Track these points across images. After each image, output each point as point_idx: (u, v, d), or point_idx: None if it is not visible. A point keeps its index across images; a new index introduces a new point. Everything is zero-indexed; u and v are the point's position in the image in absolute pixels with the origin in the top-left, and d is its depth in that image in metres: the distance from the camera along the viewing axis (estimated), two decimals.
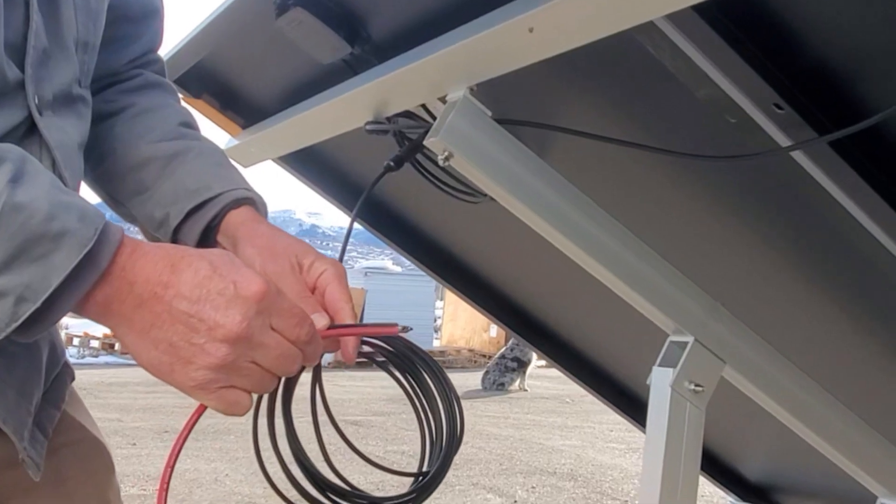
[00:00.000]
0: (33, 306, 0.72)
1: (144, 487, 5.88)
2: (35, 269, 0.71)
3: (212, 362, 0.78)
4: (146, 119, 1.12)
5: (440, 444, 1.01)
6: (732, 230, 1.37)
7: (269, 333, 0.80)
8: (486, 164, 1.11)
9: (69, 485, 1.07)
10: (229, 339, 0.77)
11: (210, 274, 0.78)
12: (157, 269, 0.77)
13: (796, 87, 0.92)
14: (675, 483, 1.22)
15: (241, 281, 0.78)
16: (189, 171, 1.06)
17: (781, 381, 1.31)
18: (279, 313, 0.81)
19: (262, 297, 0.79)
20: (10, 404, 0.92)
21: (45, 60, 0.91)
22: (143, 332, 0.78)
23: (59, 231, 0.72)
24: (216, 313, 0.77)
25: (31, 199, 0.72)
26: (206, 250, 0.82)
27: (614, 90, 1.20)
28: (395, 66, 1.21)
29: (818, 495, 2.27)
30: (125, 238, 0.78)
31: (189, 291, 0.77)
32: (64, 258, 0.72)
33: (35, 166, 0.76)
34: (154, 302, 0.77)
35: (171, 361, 0.78)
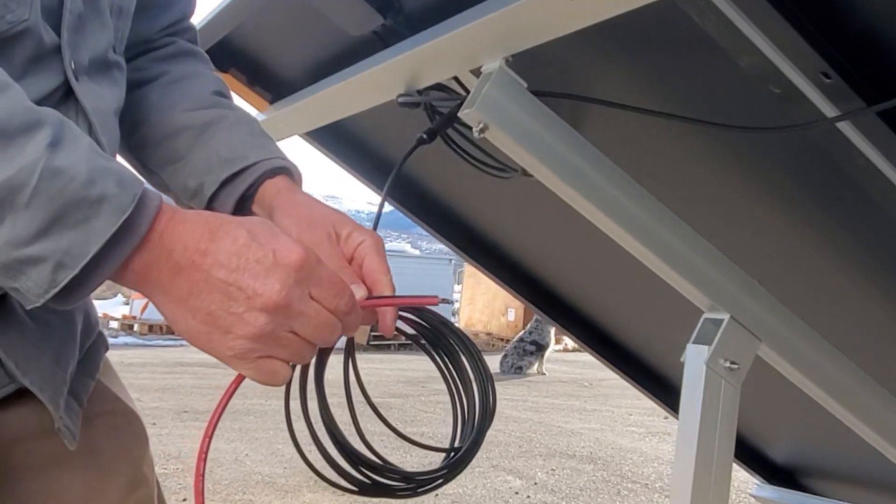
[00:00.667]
0: (72, 273, 0.70)
1: (165, 466, 5.91)
2: (74, 235, 0.70)
3: (250, 331, 0.76)
4: (180, 87, 1.10)
5: (472, 420, 1.00)
6: (773, 206, 1.35)
7: (309, 302, 0.78)
8: (521, 136, 1.09)
9: (104, 456, 1.06)
10: (268, 308, 0.76)
11: (248, 242, 0.76)
12: (195, 237, 0.76)
13: (844, 56, 0.90)
14: (710, 463, 1.20)
15: (280, 249, 0.77)
16: (223, 140, 1.05)
17: (819, 362, 1.29)
18: (319, 282, 0.79)
19: (302, 265, 0.77)
20: (45, 373, 0.92)
21: (80, 25, 0.90)
22: (181, 300, 0.77)
23: (98, 196, 0.71)
24: (255, 282, 0.75)
25: (70, 163, 0.71)
26: (245, 218, 0.80)
27: (653, 60, 1.18)
28: (428, 37, 1.20)
29: (846, 477, 2.25)
30: (163, 205, 0.76)
31: (227, 259, 0.75)
32: (103, 224, 0.71)
33: (74, 131, 0.74)
34: (192, 270, 0.76)
35: (209, 331, 0.77)
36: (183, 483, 5.48)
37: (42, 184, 0.69)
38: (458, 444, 1.00)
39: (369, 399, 1.01)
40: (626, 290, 1.96)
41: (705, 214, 1.42)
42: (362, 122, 1.75)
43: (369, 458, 0.95)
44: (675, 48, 1.11)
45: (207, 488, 5.35)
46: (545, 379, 12.90)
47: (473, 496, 5.57)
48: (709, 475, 1.20)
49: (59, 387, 0.94)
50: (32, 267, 0.70)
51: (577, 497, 5.69)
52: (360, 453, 0.94)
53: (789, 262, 1.47)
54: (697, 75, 1.14)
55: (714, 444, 1.21)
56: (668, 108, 1.17)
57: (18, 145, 0.69)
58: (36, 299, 0.72)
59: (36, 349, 0.91)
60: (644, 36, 1.12)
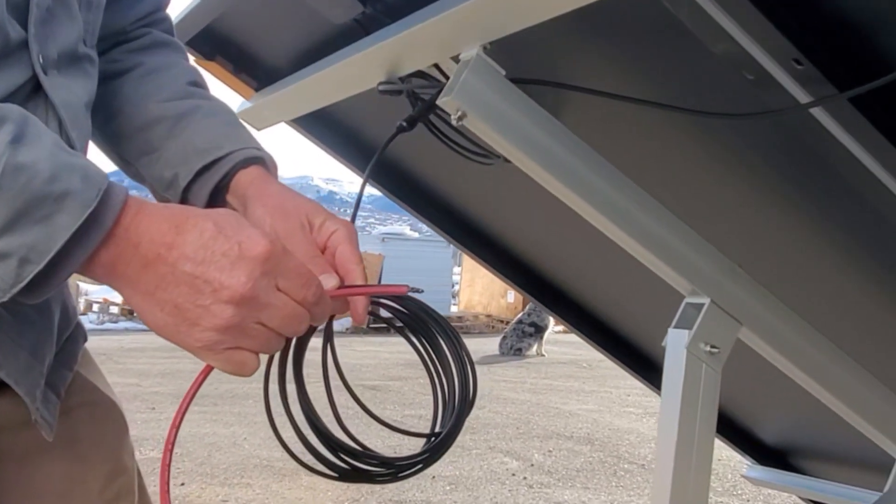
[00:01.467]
0: (37, 268, 0.71)
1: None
2: (38, 231, 0.71)
3: (218, 324, 0.77)
4: (154, 78, 1.11)
5: (452, 405, 1.01)
6: (750, 190, 1.35)
7: (276, 294, 0.79)
8: (499, 124, 1.09)
9: (83, 445, 1.07)
10: (234, 301, 0.77)
11: (215, 234, 0.77)
12: (161, 230, 0.77)
13: (816, 42, 0.90)
14: (691, 445, 1.21)
15: (245, 241, 0.78)
16: (198, 131, 1.05)
17: (799, 343, 1.30)
18: (285, 273, 0.80)
19: (268, 257, 0.78)
20: (21, 366, 0.92)
21: (48, 19, 0.89)
22: (148, 293, 0.78)
23: (61, 192, 0.71)
24: (221, 274, 0.76)
25: (33, 159, 0.71)
26: (212, 210, 0.81)
27: (630, 47, 1.18)
28: (407, 24, 1.19)
29: (836, 458, 2.26)
30: (129, 198, 0.77)
31: (193, 252, 0.76)
32: (67, 219, 0.71)
33: (37, 127, 0.75)
34: (158, 263, 0.76)
35: (176, 323, 0.78)
36: (181, 467, 5.51)
37: (4, 180, 0.69)
38: (438, 429, 1.01)
39: (347, 384, 1.02)
40: (614, 273, 1.96)
41: (685, 199, 1.42)
42: (349, 108, 1.75)
43: (348, 444, 0.96)
44: (653, 35, 1.11)
45: (206, 472, 5.39)
46: (544, 360, 12.94)
47: (470, 478, 5.60)
48: (690, 458, 1.21)
49: (35, 379, 0.94)
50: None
51: (573, 478, 5.72)
52: (338, 439, 0.95)
53: (769, 246, 1.48)
54: (676, 62, 1.14)
55: (695, 428, 1.22)
56: (647, 94, 1.17)
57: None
58: (2, 294, 0.72)
59: (12, 342, 0.92)
60: (622, 23, 1.13)
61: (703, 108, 1.12)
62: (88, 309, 18.14)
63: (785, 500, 5.03)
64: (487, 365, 12.16)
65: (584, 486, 5.53)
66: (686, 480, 1.21)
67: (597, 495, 5.31)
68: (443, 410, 1.02)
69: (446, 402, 1.02)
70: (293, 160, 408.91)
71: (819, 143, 1.00)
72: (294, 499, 4.98)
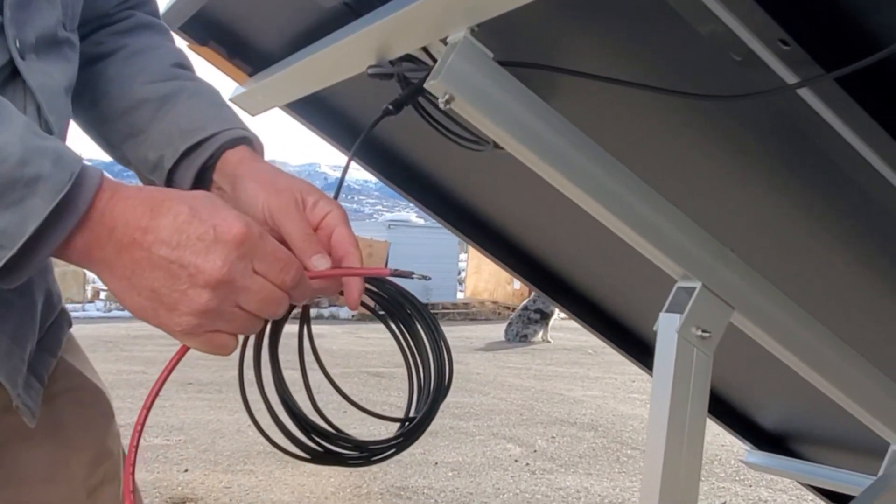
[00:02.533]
0: (10, 252, 0.71)
1: (168, 438, 5.96)
2: (10, 216, 0.71)
3: (195, 308, 0.77)
4: (139, 60, 1.10)
5: (427, 390, 1.01)
6: (740, 172, 1.34)
7: (253, 277, 0.79)
8: (487, 107, 1.09)
9: (67, 431, 1.07)
10: (211, 285, 0.77)
11: (189, 218, 0.77)
12: (136, 214, 0.76)
13: (802, 23, 0.89)
14: (682, 430, 1.21)
15: (220, 224, 0.77)
16: (183, 112, 1.05)
17: (792, 327, 1.29)
18: (262, 257, 0.80)
19: (243, 240, 0.78)
20: (2, 351, 0.92)
21: (25, 3, 0.89)
22: (125, 277, 0.78)
23: (32, 176, 0.71)
24: (196, 258, 0.76)
25: (2, 143, 0.71)
26: (189, 193, 0.81)
27: (619, 30, 1.17)
28: (396, 6, 1.19)
29: (834, 443, 2.26)
30: (104, 182, 0.77)
31: (168, 237, 0.76)
32: (39, 204, 0.71)
33: (8, 111, 0.74)
34: (134, 248, 0.76)
35: (154, 307, 0.78)
36: (185, 454, 5.53)
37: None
38: (413, 415, 1.02)
39: (324, 368, 1.02)
40: (611, 257, 1.96)
41: (675, 183, 1.42)
42: (343, 93, 1.75)
43: (321, 427, 0.96)
44: (640, 16, 1.10)
45: (209, 459, 5.41)
46: (549, 347, 12.95)
47: (473, 464, 5.61)
48: (681, 443, 1.21)
49: (16, 365, 0.94)
50: None
51: (576, 464, 5.73)
52: (312, 421, 0.96)
53: (760, 229, 1.47)
54: (664, 44, 1.13)
55: (686, 411, 1.21)
56: (636, 77, 1.16)
57: None
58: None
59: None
60: (610, 5, 1.12)
61: (692, 90, 1.12)
62: (96, 296, 18.22)
63: (787, 484, 5.03)
64: (493, 351, 12.17)
65: (587, 471, 5.54)
66: (677, 465, 1.21)
67: (599, 481, 5.31)
68: (418, 396, 1.03)
69: (422, 387, 1.02)
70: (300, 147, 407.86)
71: (807, 123, 0.99)
72: (297, 485, 4.99)
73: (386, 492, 4.91)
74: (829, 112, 0.96)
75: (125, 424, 3.53)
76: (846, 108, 0.95)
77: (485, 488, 5.07)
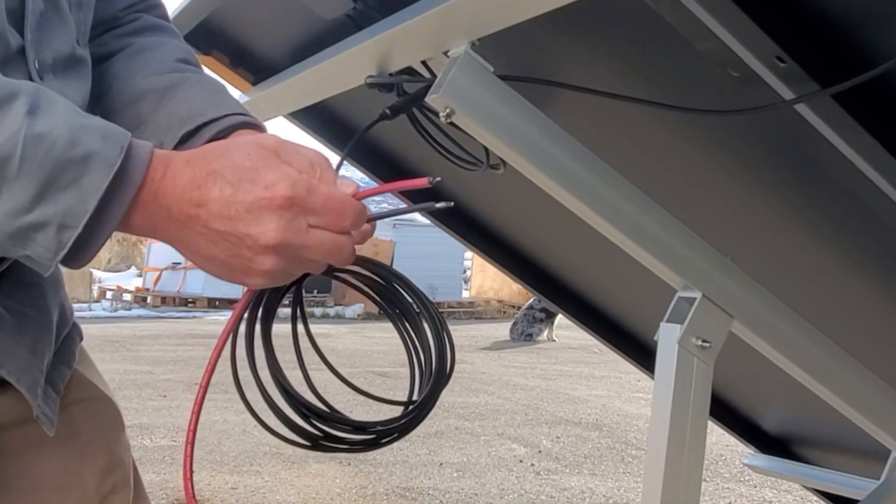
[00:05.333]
0: (76, 232, 0.73)
1: (175, 439, 5.97)
2: (69, 196, 0.73)
3: (266, 269, 0.80)
4: (143, 56, 1.10)
5: (429, 374, 1.02)
6: (738, 185, 1.35)
7: (311, 233, 0.81)
8: (488, 120, 1.10)
9: (80, 440, 1.09)
10: (271, 250, 0.79)
11: (234, 191, 0.78)
12: (186, 192, 0.79)
13: (798, 39, 0.90)
14: (682, 439, 1.22)
15: (265, 192, 0.79)
16: (183, 100, 1.04)
17: (791, 336, 1.30)
18: (314, 211, 0.81)
19: (291, 202, 0.79)
20: (22, 363, 0.94)
21: (42, 24, 0.90)
22: (194, 251, 0.81)
23: (84, 154, 0.73)
24: (249, 228, 0.78)
25: (50, 127, 0.73)
26: (231, 153, 0.81)
27: (617, 45, 1.18)
28: (397, 20, 1.20)
29: (836, 447, 2.27)
30: (155, 154, 0.79)
31: (220, 210, 0.78)
32: (95, 180, 0.73)
33: (50, 96, 0.76)
34: (192, 224, 0.79)
35: (229, 272, 0.82)
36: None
37: (27, 152, 0.72)
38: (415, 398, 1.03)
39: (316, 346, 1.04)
40: (614, 264, 1.96)
41: (675, 194, 1.43)
42: (346, 103, 1.76)
43: (319, 408, 0.96)
44: (640, 33, 1.11)
45: (215, 460, 5.42)
46: (555, 346, 12.95)
47: (478, 464, 5.62)
48: (682, 451, 1.22)
49: (35, 376, 0.96)
50: (38, 232, 0.74)
51: (580, 464, 5.74)
52: (309, 402, 0.96)
53: (759, 240, 1.48)
54: (663, 60, 1.14)
55: (687, 420, 1.22)
56: (636, 92, 1.17)
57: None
58: (48, 263, 0.75)
59: (13, 341, 0.94)
60: (609, 21, 1.13)
61: (691, 105, 1.13)
62: (102, 296, 18.25)
63: (792, 485, 5.03)
64: (498, 350, 12.18)
65: (592, 472, 5.55)
66: (678, 474, 1.21)
67: (604, 481, 5.32)
68: (420, 380, 1.04)
69: (423, 371, 1.03)
70: None
71: (804, 138, 1.00)
72: (303, 486, 5.01)
73: (391, 492, 4.93)
74: (825, 127, 0.97)
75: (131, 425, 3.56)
76: (842, 123, 0.96)
77: (489, 489, 5.08)
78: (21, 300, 0.97)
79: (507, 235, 2.10)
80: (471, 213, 2.06)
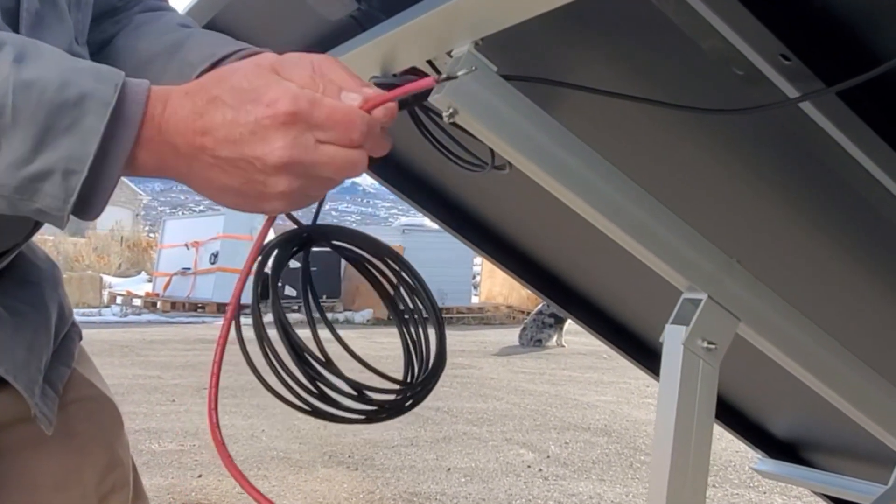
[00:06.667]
0: (82, 175, 0.72)
1: (182, 443, 5.98)
2: (69, 140, 0.72)
3: (281, 191, 0.78)
4: (144, 28, 1.10)
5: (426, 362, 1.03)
6: (744, 184, 1.34)
7: (320, 149, 0.78)
8: (492, 120, 1.09)
9: (79, 439, 1.09)
10: (281, 170, 0.77)
11: (235, 115, 0.77)
12: (189, 124, 0.77)
13: (803, 37, 0.89)
14: (688, 441, 1.21)
15: (267, 110, 0.76)
16: (191, 48, 1.04)
17: (798, 338, 1.29)
18: (320, 125, 0.78)
19: (294, 118, 0.77)
20: (19, 362, 0.95)
21: (38, 23, 0.91)
22: (207, 185, 0.80)
23: (77, 96, 0.72)
24: (256, 150, 0.76)
25: (39, 73, 0.72)
26: (229, 76, 0.79)
27: (622, 44, 1.17)
28: (401, 20, 1.19)
29: (846, 451, 2.25)
30: (152, 91, 0.77)
31: (225, 135, 0.76)
32: (93, 120, 0.72)
33: (38, 45, 0.75)
34: (200, 155, 0.77)
35: (247, 201, 0.80)
36: (199, 459, 5.54)
37: (18, 99, 0.71)
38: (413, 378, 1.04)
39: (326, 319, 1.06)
40: (621, 267, 1.96)
41: (680, 195, 1.42)
42: None
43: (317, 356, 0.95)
44: (643, 31, 1.11)
45: (223, 464, 5.43)
46: (564, 351, 12.91)
47: (486, 470, 5.60)
48: (687, 454, 1.21)
49: (33, 375, 0.97)
50: (43, 182, 0.72)
51: (589, 470, 5.72)
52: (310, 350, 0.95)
53: (765, 240, 1.47)
54: (667, 59, 1.14)
55: (692, 423, 1.21)
56: (640, 91, 1.16)
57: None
58: (60, 213, 0.74)
59: (9, 339, 0.94)
60: (613, 19, 1.12)
61: (696, 104, 1.12)
62: (112, 301, 18.30)
63: (802, 491, 5.01)
64: (507, 356, 12.16)
65: (600, 478, 5.53)
66: (684, 478, 1.21)
67: (612, 487, 5.30)
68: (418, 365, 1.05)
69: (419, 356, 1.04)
70: None
71: (809, 137, 1.00)
72: (310, 490, 5.00)
73: (398, 497, 4.92)
74: (830, 125, 0.96)
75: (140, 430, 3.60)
76: (847, 122, 0.95)
77: (497, 494, 5.06)
78: (19, 298, 0.97)
79: (516, 240, 2.09)
80: (480, 218, 2.06)
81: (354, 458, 5.71)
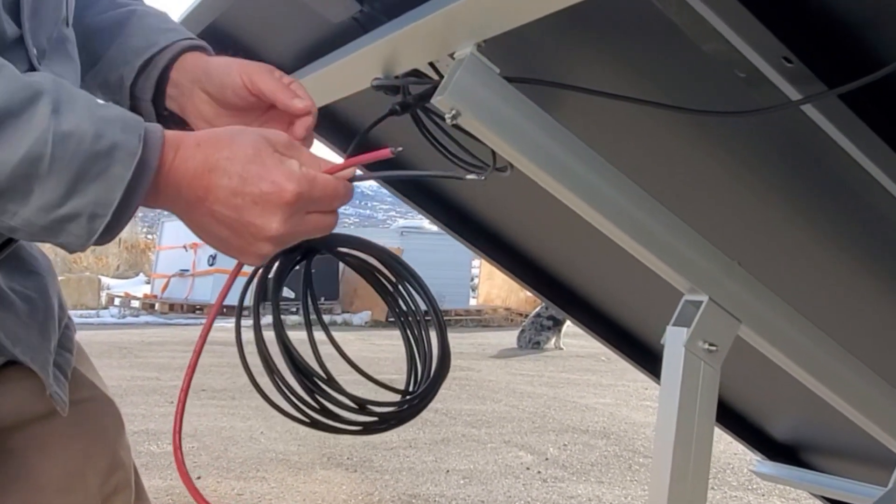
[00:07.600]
0: (106, 220, 0.79)
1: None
2: (98, 187, 0.78)
3: (263, 253, 0.88)
4: (90, 3, 1.15)
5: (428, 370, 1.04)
6: (745, 187, 1.35)
7: (306, 219, 0.88)
8: (494, 122, 1.09)
9: (83, 441, 1.10)
10: (272, 240, 0.86)
11: (241, 185, 0.84)
12: (197, 174, 0.84)
13: (805, 40, 0.90)
14: (689, 443, 1.21)
15: (272, 189, 0.84)
16: (134, 32, 1.11)
17: (799, 340, 1.29)
18: (314, 203, 0.87)
19: (297, 200, 0.85)
20: (34, 344, 0.99)
21: (36, 10, 0.92)
22: (200, 228, 0.87)
23: (108, 147, 0.78)
24: (255, 220, 0.84)
25: (75, 124, 0.77)
26: (240, 144, 0.86)
27: (625, 46, 1.17)
28: (403, 22, 1.20)
29: (845, 454, 2.25)
30: (166, 136, 0.83)
31: (227, 199, 0.84)
32: (120, 170, 0.78)
33: (69, 90, 0.80)
34: (200, 205, 0.85)
35: (227, 249, 0.88)
36: (197, 461, 5.54)
37: (56, 150, 0.76)
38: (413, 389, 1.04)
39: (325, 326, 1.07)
40: (621, 269, 1.96)
41: (682, 197, 1.42)
42: (354, 108, 1.76)
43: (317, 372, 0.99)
44: (645, 34, 1.11)
45: (222, 466, 5.43)
46: (562, 354, 12.91)
47: (484, 472, 5.60)
48: (688, 456, 1.21)
49: (46, 357, 1.01)
50: (70, 223, 0.78)
51: (587, 472, 5.72)
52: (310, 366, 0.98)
53: (766, 242, 1.47)
54: (669, 61, 1.14)
55: (693, 425, 1.21)
56: (642, 93, 1.17)
57: (25, 120, 0.75)
58: (79, 248, 0.81)
59: (24, 324, 0.98)
60: (615, 22, 1.12)
61: (698, 107, 1.12)
62: (110, 303, 18.29)
63: (800, 494, 5.01)
64: (505, 359, 12.15)
65: (599, 480, 5.53)
66: (685, 479, 1.21)
67: (611, 489, 5.30)
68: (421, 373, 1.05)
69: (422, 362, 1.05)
70: None
71: (811, 139, 1.00)
72: (309, 492, 5.00)
73: (397, 499, 4.92)
74: (832, 127, 0.97)
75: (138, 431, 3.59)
76: (849, 124, 0.96)
77: (496, 496, 5.06)
78: (26, 285, 1.00)
79: (516, 242, 2.09)
80: (480, 220, 2.06)
81: (353, 460, 5.71)
